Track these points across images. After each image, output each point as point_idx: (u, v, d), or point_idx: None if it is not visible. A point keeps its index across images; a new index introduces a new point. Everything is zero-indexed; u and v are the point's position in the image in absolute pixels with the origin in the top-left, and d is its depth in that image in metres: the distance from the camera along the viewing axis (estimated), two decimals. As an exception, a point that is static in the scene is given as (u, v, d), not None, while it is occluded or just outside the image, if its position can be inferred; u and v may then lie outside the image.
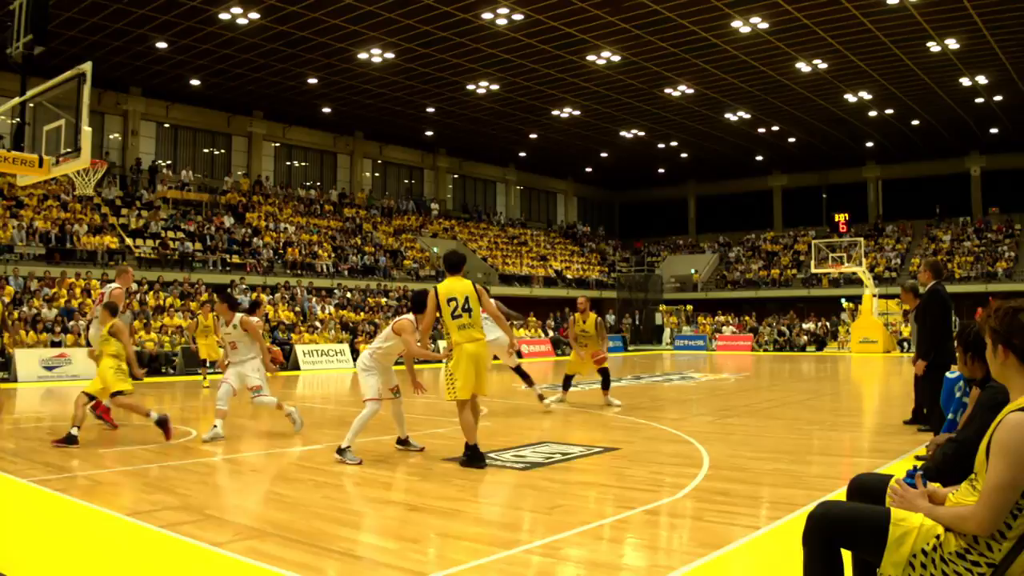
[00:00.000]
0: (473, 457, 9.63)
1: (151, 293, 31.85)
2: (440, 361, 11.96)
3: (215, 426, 11.97)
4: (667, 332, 51.78)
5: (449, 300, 9.72)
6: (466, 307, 9.74)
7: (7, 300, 27.13)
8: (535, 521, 7.22)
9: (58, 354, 25.72)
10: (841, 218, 56.08)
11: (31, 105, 13.20)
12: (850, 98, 40.69)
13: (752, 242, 61.44)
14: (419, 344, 10.36)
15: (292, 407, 12.95)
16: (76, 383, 21.99)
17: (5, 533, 6.60)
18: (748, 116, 44.74)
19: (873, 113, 43.65)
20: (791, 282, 54.21)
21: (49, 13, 12.90)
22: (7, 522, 7.14)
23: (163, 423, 11.62)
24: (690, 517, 7.23)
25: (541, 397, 16.28)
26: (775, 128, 47.55)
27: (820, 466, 10.03)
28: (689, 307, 54.22)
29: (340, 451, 10.07)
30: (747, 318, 50.67)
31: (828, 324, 47.25)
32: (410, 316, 10.75)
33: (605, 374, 16.86)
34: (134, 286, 31.41)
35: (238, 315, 12.74)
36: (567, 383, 17.41)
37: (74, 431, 11.39)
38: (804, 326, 47.62)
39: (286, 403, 13.08)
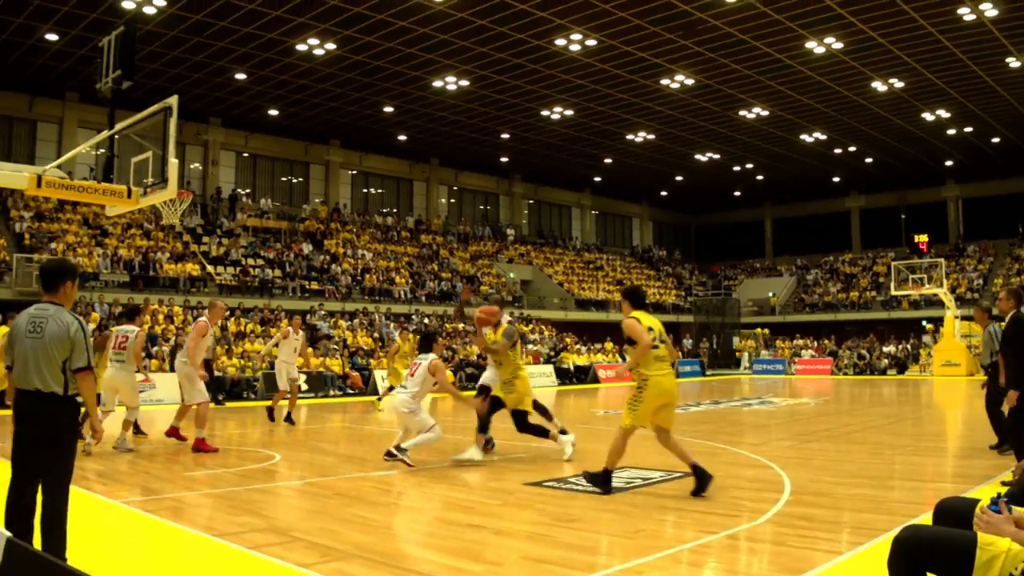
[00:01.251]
0: (603, 479, 9.58)
1: (232, 319, 32.32)
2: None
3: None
4: (745, 356, 51.33)
5: (649, 329, 9.40)
6: (662, 339, 9.52)
7: (93, 326, 27.74)
8: (617, 545, 7.25)
9: (142, 379, 26.15)
10: (922, 239, 55.24)
11: (118, 137, 13.55)
12: (928, 116, 40.14)
13: (830, 264, 60.68)
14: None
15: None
16: (160, 407, 22.42)
17: (99, 553, 6.77)
18: (824, 137, 44.34)
19: (952, 131, 43.00)
20: (870, 304, 53.43)
21: (136, 49, 13.24)
22: (101, 542, 7.33)
23: None
24: (771, 542, 7.21)
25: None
26: (852, 148, 47.03)
27: (903, 491, 9.93)
28: (764, 330, 53.65)
29: (399, 448, 10.97)
30: (826, 341, 50.03)
31: (909, 347, 46.51)
32: (435, 357, 11.54)
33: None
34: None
35: None
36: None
37: None
38: (884, 349, 46.92)
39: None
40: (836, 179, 55.88)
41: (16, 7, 27.33)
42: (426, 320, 39.81)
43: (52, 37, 29.99)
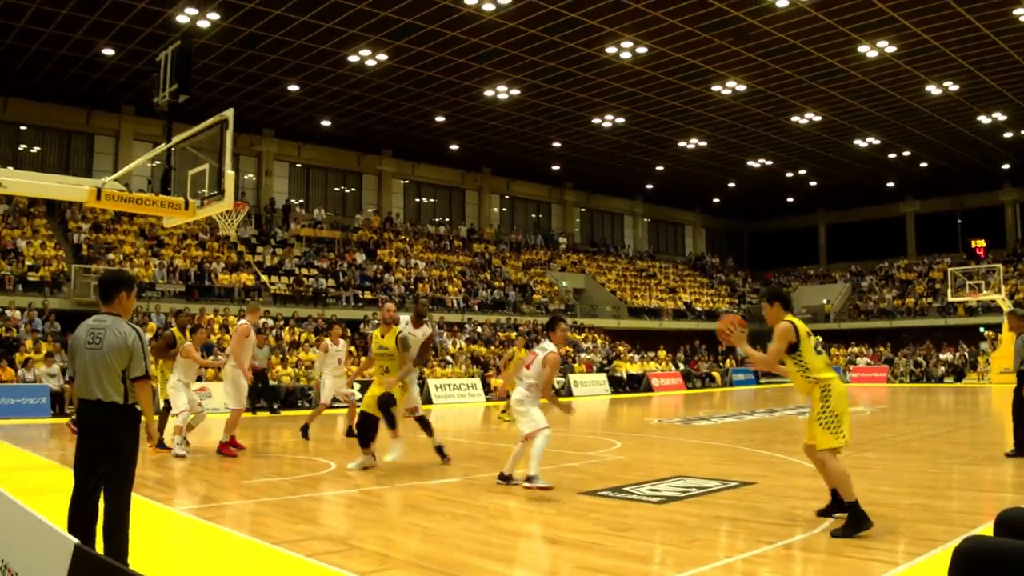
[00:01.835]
0: (856, 515, 7.76)
1: (286, 329, 32.61)
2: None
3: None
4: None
5: (808, 334, 8.65)
6: (822, 345, 8.94)
7: (150, 335, 28.09)
8: (671, 555, 7.25)
9: (198, 388, 26.39)
10: (979, 244, 54.46)
11: (174, 150, 13.75)
12: (984, 119, 39.61)
13: (885, 270, 60.01)
14: None
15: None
16: (217, 416, 22.62)
17: (159, 560, 6.86)
18: (878, 142, 43.91)
19: (1009, 134, 42.37)
20: (927, 311, 52.70)
21: (192, 63, 13.43)
22: (161, 549, 7.43)
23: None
24: (827, 552, 7.16)
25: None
26: (906, 153, 46.53)
27: (961, 501, 9.82)
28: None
29: (529, 479, 9.87)
30: (882, 349, 49.45)
31: (966, 354, 45.88)
32: (551, 346, 10.66)
33: (423, 423, 13.31)
34: (270, 322, 32.28)
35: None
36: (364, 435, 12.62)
37: None
38: (941, 356, 46.31)
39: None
40: (890, 184, 55.32)
41: (74, 23, 27.85)
42: (479, 329, 39.87)
43: (108, 52, 30.50)
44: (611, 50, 30.86)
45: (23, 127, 36.69)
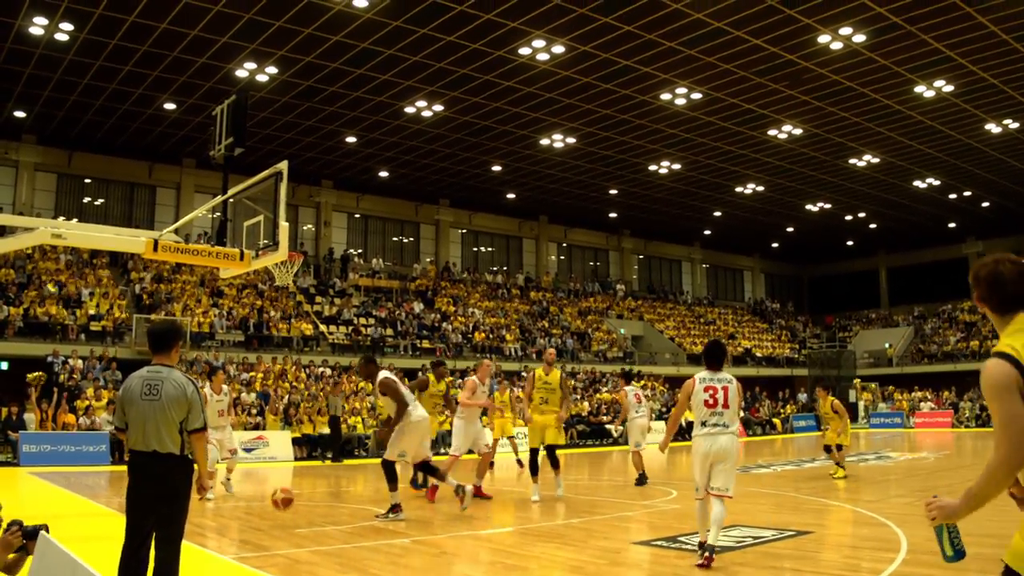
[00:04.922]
0: None
1: (344, 377, 32.74)
2: None
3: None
4: (862, 409, 50.12)
5: None
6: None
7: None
8: (725, 606, 7.12)
9: (256, 436, 26.62)
10: (1045, 284, 53.49)
11: (231, 202, 13.93)
12: (1047, 158, 39.08)
13: (948, 313, 59.05)
14: None
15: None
16: (273, 464, 22.73)
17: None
18: (938, 182, 43.40)
19: (1073, 172, 41.77)
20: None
21: (247, 117, 13.63)
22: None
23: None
24: (887, 603, 7.01)
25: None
26: (967, 193, 45.93)
27: (1027, 549, 9.56)
28: (873, 385, 52.17)
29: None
30: (946, 393, 48.57)
31: (1035, 397, 44.87)
32: None
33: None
34: (328, 371, 32.45)
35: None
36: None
37: None
38: (1009, 400, 45.34)
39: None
40: (952, 225, 54.60)
41: (136, 79, 28.47)
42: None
43: (170, 106, 31.12)
44: (666, 96, 30.88)
45: (87, 180, 37.44)
